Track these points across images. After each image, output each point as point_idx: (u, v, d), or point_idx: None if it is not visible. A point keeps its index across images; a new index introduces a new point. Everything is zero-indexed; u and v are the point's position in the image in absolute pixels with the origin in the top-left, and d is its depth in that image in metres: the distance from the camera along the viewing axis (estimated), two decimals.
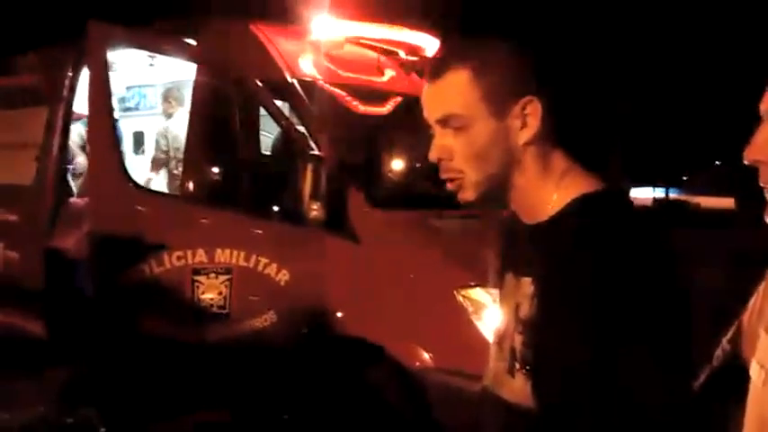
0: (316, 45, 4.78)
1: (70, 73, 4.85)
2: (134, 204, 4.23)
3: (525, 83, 1.26)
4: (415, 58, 5.17)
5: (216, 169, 4.75)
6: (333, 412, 4.02)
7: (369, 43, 5.07)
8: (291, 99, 4.59)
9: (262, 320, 4.17)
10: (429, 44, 5.11)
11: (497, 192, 1.28)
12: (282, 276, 4.17)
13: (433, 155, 1.29)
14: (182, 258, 4.09)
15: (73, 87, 4.88)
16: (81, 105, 5.01)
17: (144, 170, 5.90)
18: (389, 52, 5.18)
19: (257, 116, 4.64)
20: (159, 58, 5.22)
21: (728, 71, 28.38)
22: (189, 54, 4.63)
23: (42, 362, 4.81)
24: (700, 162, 38.09)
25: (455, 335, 3.67)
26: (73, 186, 5.47)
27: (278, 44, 4.70)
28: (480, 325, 3.55)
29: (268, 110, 4.46)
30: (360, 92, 4.80)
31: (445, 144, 1.28)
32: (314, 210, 4.13)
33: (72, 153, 5.46)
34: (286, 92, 4.54)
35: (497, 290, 1.40)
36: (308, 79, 4.61)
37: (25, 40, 6.41)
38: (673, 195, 35.82)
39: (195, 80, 4.69)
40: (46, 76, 5.16)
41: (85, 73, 4.56)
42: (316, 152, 4.18)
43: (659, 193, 33.78)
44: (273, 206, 4.35)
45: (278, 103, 4.52)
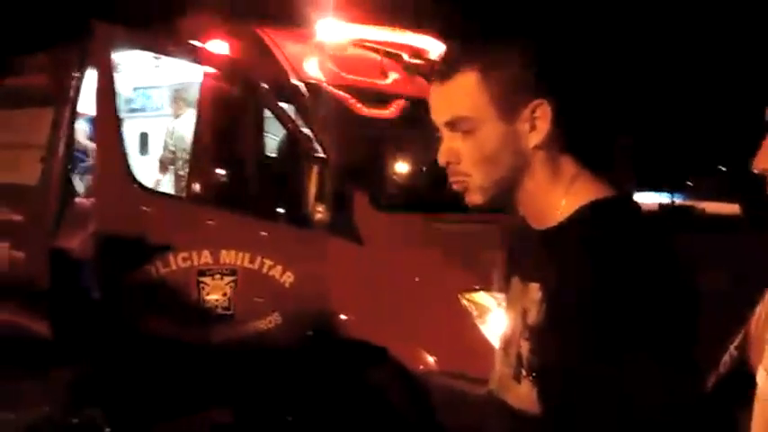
0: (320, 48, 4.79)
1: (76, 74, 4.86)
2: (139, 205, 4.24)
3: (535, 85, 1.24)
4: (420, 61, 5.18)
5: (221, 171, 4.76)
6: (337, 414, 4.02)
7: (373, 46, 5.08)
8: (296, 101, 4.60)
9: (266, 322, 4.18)
10: (433, 47, 5.11)
11: (505, 195, 1.27)
12: (287, 278, 4.18)
13: (442, 158, 1.27)
14: (187, 259, 4.10)
15: (78, 88, 4.89)
16: (86, 106, 5.04)
17: (150, 171, 5.92)
18: (394, 55, 5.19)
19: (262, 118, 4.65)
20: (164, 60, 5.23)
21: (734, 77, 28.35)
22: (194, 56, 4.64)
23: (47, 362, 4.82)
24: (705, 167, 38.02)
25: (459, 338, 3.67)
26: (78, 187, 5.48)
27: (283, 47, 4.71)
28: (484, 328, 3.56)
29: (273, 112, 4.47)
30: (364, 94, 4.80)
31: (453, 147, 1.26)
32: (318, 212, 4.14)
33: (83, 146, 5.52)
34: (291, 94, 4.55)
35: (503, 294, 1.40)
36: (313, 82, 4.62)
37: (31, 41, 6.42)
38: (678, 201, 35.77)
39: (200, 82, 4.70)
40: (51, 77, 5.17)
41: (91, 74, 4.58)
42: (320, 154, 4.18)
43: (664, 199, 33.71)
44: (278, 208, 4.35)
45: (283, 106, 4.53)
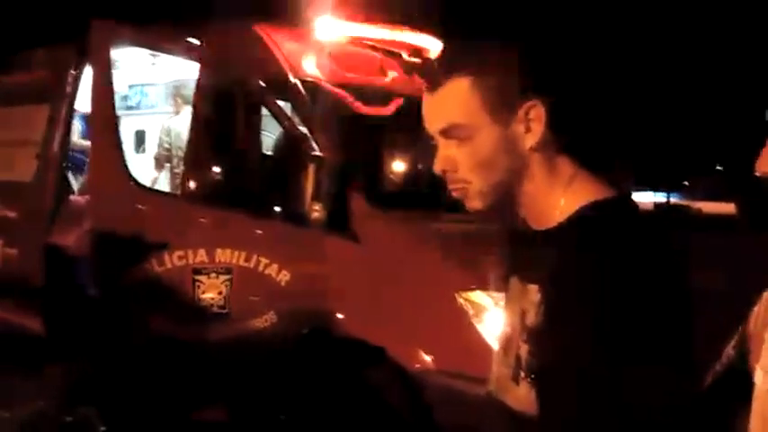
0: (319, 45, 4.77)
1: (73, 71, 4.85)
2: (135, 203, 4.23)
3: (527, 87, 1.23)
4: (418, 60, 5.16)
5: (217, 169, 4.74)
6: (333, 414, 4.01)
7: (372, 44, 5.07)
8: (294, 99, 4.58)
9: (262, 321, 4.16)
10: (432, 45, 5.10)
11: (505, 199, 1.26)
12: (283, 277, 4.16)
13: (438, 167, 1.27)
14: (182, 258, 4.09)
15: (75, 85, 4.89)
16: (82, 103, 5.03)
17: (146, 169, 5.90)
18: (392, 53, 5.18)
19: (259, 116, 4.64)
20: (162, 57, 5.22)
21: (731, 76, 28.40)
22: (192, 53, 4.63)
23: (42, 359, 4.81)
24: (701, 167, 38.11)
25: (456, 337, 3.66)
26: (73, 184, 5.47)
27: (281, 44, 4.69)
28: (481, 328, 3.55)
29: (270, 110, 4.46)
30: (362, 93, 4.79)
31: (449, 154, 1.25)
32: (315, 210, 4.13)
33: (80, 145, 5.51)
34: (289, 92, 4.54)
35: (501, 293, 1.39)
36: (311, 80, 4.60)
37: (28, 38, 6.41)
38: (674, 200, 35.84)
39: (198, 80, 4.68)
40: (49, 74, 5.17)
41: (88, 71, 4.57)
42: (317, 153, 4.17)
43: (660, 198, 33.78)
44: (275, 206, 4.34)
45: (280, 104, 4.52)
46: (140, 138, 6.78)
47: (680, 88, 28.78)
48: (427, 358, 3.69)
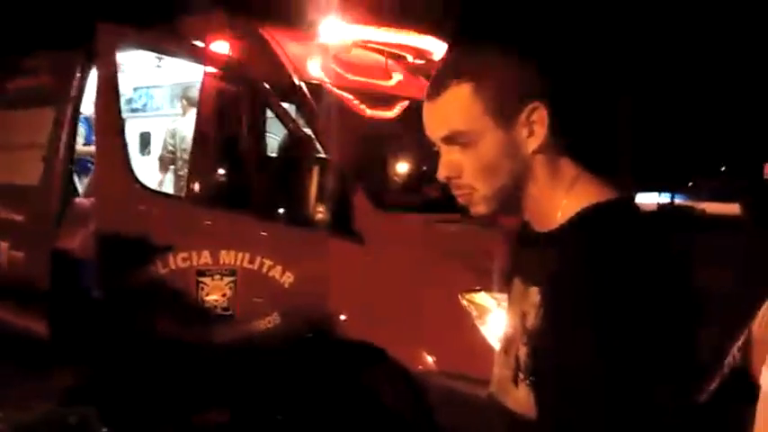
0: (324, 48, 4.79)
1: (78, 74, 4.88)
2: (140, 205, 4.24)
3: (528, 90, 1.23)
4: (423, 62, 5.18)
5: (222, 171, 4.76)
6: (336, 415, 4.02)
7: (376, 47, 5.08)
8: (299, 102, 4.60)
9: (266, 322, 4.17)
10: (437, 48, 5.11)
11: (509, 202, 1.26)
12: (287, 278, 4.17)
13: (442, 174, 1.26)
14: (187, 259, 4.10)
15: (81, 88, 4.91)
16: (88, 106, 5.04)
17: (151, 171, 5.92)
18: (397, 56, 5.19)
19: (264, 118, 4.65)
20: (167, 60, 5.24)
21: (735, 77, 28.33)
22: (197, 56, 4.65)
23: (46, 362, 4.82)
24: (705, 168, 38.04)
25: (459, 339, 3.67)
26: (79, 186, 5.49)
27: (286, 47, 4.71)
28: (484, 329, 3.55)
29: (275, 112, 4.47)
30: (367, 95, 4.80)
31: (453, 160, 1.25)
32: (319, 212, 4.14)
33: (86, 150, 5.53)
34: (293, 94, 4.55)
35: (505, 295, 1.39)
36: (316, 82, 4.62)
37: (34, 41, 6.43)
38: (678, 201, 35.74)
39: (202, 82, 4.70)
40: (54, 77, 5.18)
41: (94, 74, 4.58)
42: (322, 155, 4.18)
43: (664, 199, 33.69)
44: (279, 208, 4.35)
45: (285, 106, 4.53)
46: (145, 140, 6.80)
47: (684, 89, 28.72)
48: (430, 360, 3.69)
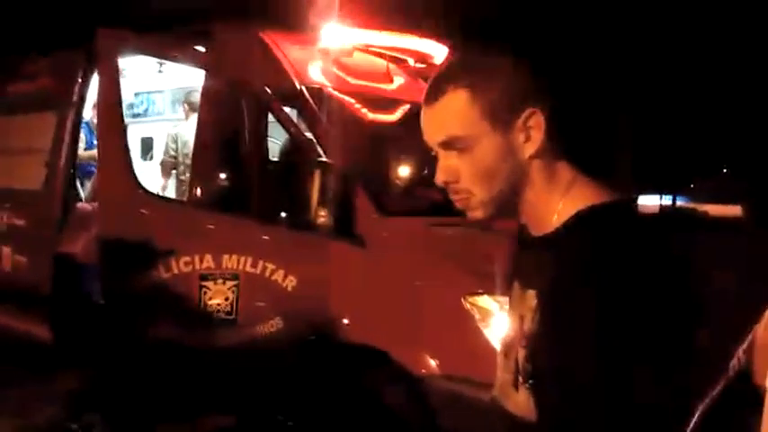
0: (325, 52, 4.80)
1: (80, 79, 4.89)
2: (142, 210, 4.25)
3: (525, 95, 1.23)
4: (424, 66, 5.18)
5: (224, 175, 4.77)
6: (339, 418, 4.02)
7: (378, 51, 5.09)
8: (300, 106, 4.60)
9: (268, 326, 4.18)
10: (438, 51, 5.12)
11: (506, 207, 1.27)
12: (289, 282, 4.18)
13: (440, 178, 1.27)
14: (189, 264, 4.11)
15: (83, 93, 4.92)
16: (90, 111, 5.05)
17: (153, 176, 5.93)
18: (398, 60, 5.20)
19: (266, 123, 4.66)
20: (168, 65, 5.25)
21: (736, 79, 28.30)
22: (198, 61, 4.66)
23: (49, 366, 4.83)
24: (707, 170, 37.97)
25: (462, 342, 3.67)
26: (81, 191, 5.50)
27: (287, 51, 4.71)
28: (487, 332, 3.55)
29: (277, 117, 4.48)
30: (368, 99, 4.81)
31: (450, 165, 1.26)
32: (321, 216, 4.14)
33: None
34: (295, 99, 4.56)
35: (507, 298, 1.39)
36: (317, 86, 4.62)
37: (37, 46, 6.44)
38: (680, 203, 35.71)
39: (204, 87, 4.71)
40: (56, 82, 5.20)
41: (95, 79, 4.60)
42: (323, 159, 4.19)
43: (666, 201, 33.65)
44: (281, 212, 4.36)
45: (287, 110, 4.53)
46: (147, 145, 6.81)
47: (685, 91, 28.70)
48: (433, 363, 3.69)
